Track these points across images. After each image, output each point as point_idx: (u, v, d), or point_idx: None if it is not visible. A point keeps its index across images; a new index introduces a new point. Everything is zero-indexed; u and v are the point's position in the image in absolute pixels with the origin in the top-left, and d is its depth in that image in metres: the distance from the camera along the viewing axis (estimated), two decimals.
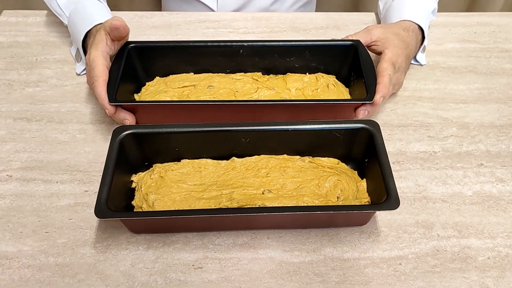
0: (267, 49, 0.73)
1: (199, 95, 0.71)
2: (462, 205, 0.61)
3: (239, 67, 0.75)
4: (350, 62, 0.73)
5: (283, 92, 0.72)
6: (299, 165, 0.61)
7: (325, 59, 0.74)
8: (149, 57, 0.72)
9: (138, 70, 0.73)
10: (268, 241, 0.57)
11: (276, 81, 0.74)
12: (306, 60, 0.74)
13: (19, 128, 0.70)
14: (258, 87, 0.72)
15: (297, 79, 0.73)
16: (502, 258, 0.56)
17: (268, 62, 0.74)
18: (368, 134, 0.59)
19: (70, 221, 0.59)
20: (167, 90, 0.71)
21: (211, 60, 0.74)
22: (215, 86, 0.72)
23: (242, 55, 0.73)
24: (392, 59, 0.68)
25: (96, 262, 0.55)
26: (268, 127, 0.60)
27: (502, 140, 0.69)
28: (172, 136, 0.60)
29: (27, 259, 0.55)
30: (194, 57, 0.73)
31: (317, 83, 0.73)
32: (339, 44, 0.73)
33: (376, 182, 0.57)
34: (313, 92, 0.72)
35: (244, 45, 0.72)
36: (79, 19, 0.75)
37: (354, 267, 0.55)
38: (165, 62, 0.73)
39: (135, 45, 0.71)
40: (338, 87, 0.73)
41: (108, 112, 0.63)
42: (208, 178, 0.60)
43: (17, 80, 0.77)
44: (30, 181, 0.63)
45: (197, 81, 0.73)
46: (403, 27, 0.74)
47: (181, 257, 0.56)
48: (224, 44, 0.73)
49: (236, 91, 0.71)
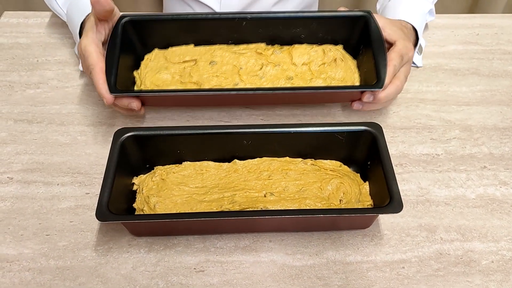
0: (272, 21, 0.70)
1: (201, 73, 0.68)
2: (465, 208, 0.61)
3: (242, 39, 0.72)
4: (360, 34, 0.70)
5: (288, 68, 0.69)
6: (301, 168, 0.61)
7: (333, 29, 0.71)
8: (147, 30, 0.70)
9: (136, 44, 0.70)
10: (270, 244, 0.57)
11: (282, 54, 0.70)
12: (313, 30, 0.71)
13: (20, 130, 0.70)
14: (262, 63, 0.69)
15: (303, 52, 0.70)
16: (506, 262, 0.56)
17: (272, 33, 0.71)
18: (370, 137, 0.59)
19: (71, 223, 0.59)
20: (167, 65, 0.69)
21: (212, 32, 0.71)
22: (218, 61, 0.69)
23: (245, 26, 0.70)
24: (401, 51, 0.67)
25: (97, 265, 0.55)
26: (270, 129, 0.60)
27: (505, 143, 0.69)
28: (173, 138, 0.59)
29: (27, 262, 0.55)
30: (194, 30, 0.71)
31: (324, 57, 0.70)
32: (349, 15, 0.70)
33: (379, 185, 0.56)
34: (319, 67, 0.69)
35: (247, 17, 0.69)
36: (74, 13, 0.74)
37: (356, 271, 0.55)
38: (164, 34, 0.70)
39: (130, 18, 0.68)
40: (346, 61, 0.70)
41: (105, 101, 0.61)
42: (210, 180, 0.60)
43: (18, 82, 0.77)
44: (31, 183, 0.63)
45: (198, 55, 0.70)
46: (402, 24, 0.74)
47: (183, 260, 0.55)
48: (225, 17, 0.70)
49: (240, 68, 0.69)
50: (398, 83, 0.66)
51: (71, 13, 0.75)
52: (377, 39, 0.66)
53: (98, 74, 0.61)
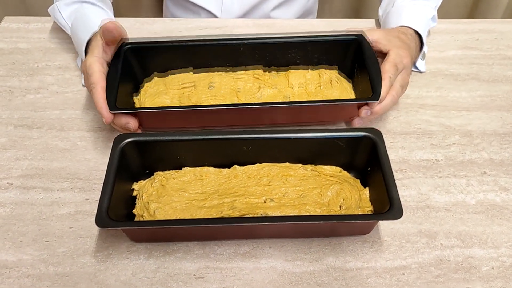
0: (268, 45, 0.71)
1: (200, 96, 0.69)
2: (465, 214, 0.61)
3: (240, 62, 0.73)
4: (354, 56, 0.71)
5: (285, 90, 0.70)
6: (301, 173, 0.61)
7: (328, 52, 0.72)
8: (147, 55, 0.71)
9: (136, 70, 0.71)
10: (270, 250, 0.57)
11: (278, 78, 0.72)
12: (308, 53, 0.72)
13: (19, 135, 0.70)
14: (260, 86, 0.71)
15: (299, 76, 0.72)
16: (506, 268, 0.55)
17: (269, 57, 0.73)
18: (370, 143, 0.59)
19: (70, 229, 0.59)
20: (167, 91, 0.70)
21: (210, 57, 0.72)
22: (216, 85, 0.71)
23: (243, 51, 0.71)
24: (395, 60, 0.68)
25: (97, 272, 0.55)
26: (270, 135, 0.60)
27: (506, 148, 0.69)
28: (173, 144, 0.59)
29: (27, 268, 0.55)
30: (192, 55, 0.72)
31: (320, 79, 0.71)
32: (342, 38, 0.71)
33: (379, 191, 0.56)
34: (316, 89, 0.71)
35: (244, 42, 0.71)
36: (79, 29, 0.74)
37: (356, 277, 0.54)
38: (163, 59, 0.72)
39: (132, 45, 0.69)
40: (341, 83, 0.71)
41: (105, 120, 0.62)
42: (210, 186, 0.60)
43: (18, 87, 0.77)
44: (30, 189, 0.63)
45: (197, 80, 0.72)
46: (401, 31, 0.75)
47: (182, 267, 0.55)
48: (223, 43, 0.71)
49: (238, 91, 0.70)
50: (394, 93, 0.67)
51: (77, 28, 0.75)
52: (371, 59, 0.68)
53: (99, 92, 0.62)
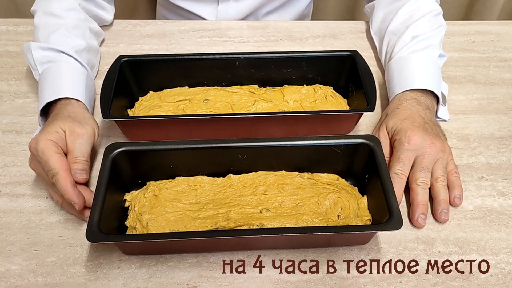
0: (264, 61, 0.72)
1: (195, 109, 0.69)
2: (463, 220, 0.60)
3: (235, 80, 0.73)
4: (348, 73, 0.72)
5: (281, 104, 0.71)
6: (298, 182, 0.60)
7: (322, 69, 0.73)
8: (142, 71, 0.71)
9: (131, 85, 0.71)
10: (265, 258, 0.56)
11: (274, 93, 0.72)
12: (303, 71, 0.73)
13: (8, 141, 0.68)
14: (255, 100, 0.71)
15: (294, 91, 0.72)
16: (505, 275, 0.55)
17: (264, 74, 0.73)
18: (368, 150, 0.58)
19: (60, 238, 0.57)
20: (161, 104, 0.70)
21: (206, 73, 0.72)
22: (211, 99, 0.71)
23: (238, 67, 0.72)
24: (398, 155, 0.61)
25: (87, 282, 0.53)
26: (265, 143, 0.59)
27: (503, 152, 0.68)
28: (166, 153, 0.58)
29: (15, 279, 0.53)
30: (188, 70, 0.72)
31: (315, 95, 0.72)
32: (337, 54, 0.72)
33: (377, 199, 0.55)
34: (311, 104, 0.71)
35: (240, 57, 0.71)
36: (47, 83, 0.67)
37: (353, 286, 0.54)
38: (158, 75, 0.72)
39: (128, 59, 0.69)
40: (337, 98, 0.72)
41: (77, 207, 0.55)
42: (204, 196, 0.59)
43: (6, 91, 0.76)
44: (19, 196, 0.61)
45: (192, 95, 0.72)
46: (411, 100, 0.67)
47: (175, 276, 0.54)
48: (219, 57, 0.71)
49: (233, 104, 0.70)
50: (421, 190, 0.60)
51: (44, 81, 0.67)
52: (365, 73, 0.68)
53: (65, 178, 0.55)
